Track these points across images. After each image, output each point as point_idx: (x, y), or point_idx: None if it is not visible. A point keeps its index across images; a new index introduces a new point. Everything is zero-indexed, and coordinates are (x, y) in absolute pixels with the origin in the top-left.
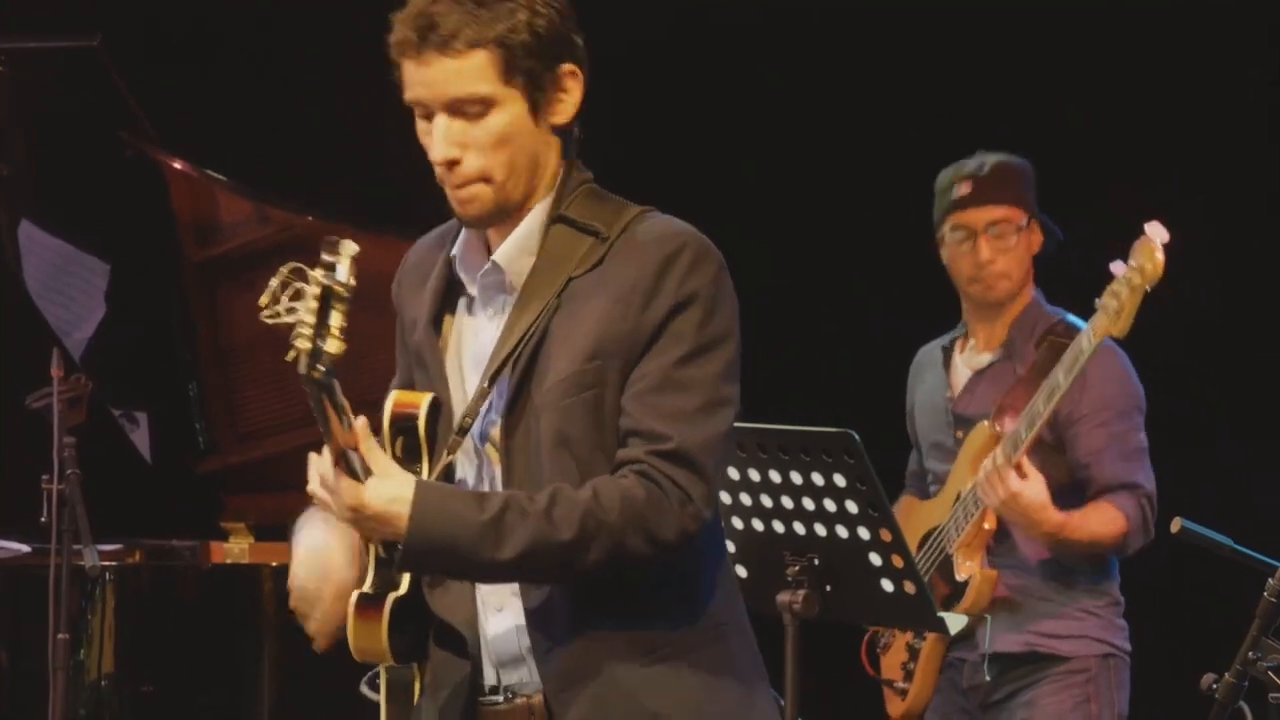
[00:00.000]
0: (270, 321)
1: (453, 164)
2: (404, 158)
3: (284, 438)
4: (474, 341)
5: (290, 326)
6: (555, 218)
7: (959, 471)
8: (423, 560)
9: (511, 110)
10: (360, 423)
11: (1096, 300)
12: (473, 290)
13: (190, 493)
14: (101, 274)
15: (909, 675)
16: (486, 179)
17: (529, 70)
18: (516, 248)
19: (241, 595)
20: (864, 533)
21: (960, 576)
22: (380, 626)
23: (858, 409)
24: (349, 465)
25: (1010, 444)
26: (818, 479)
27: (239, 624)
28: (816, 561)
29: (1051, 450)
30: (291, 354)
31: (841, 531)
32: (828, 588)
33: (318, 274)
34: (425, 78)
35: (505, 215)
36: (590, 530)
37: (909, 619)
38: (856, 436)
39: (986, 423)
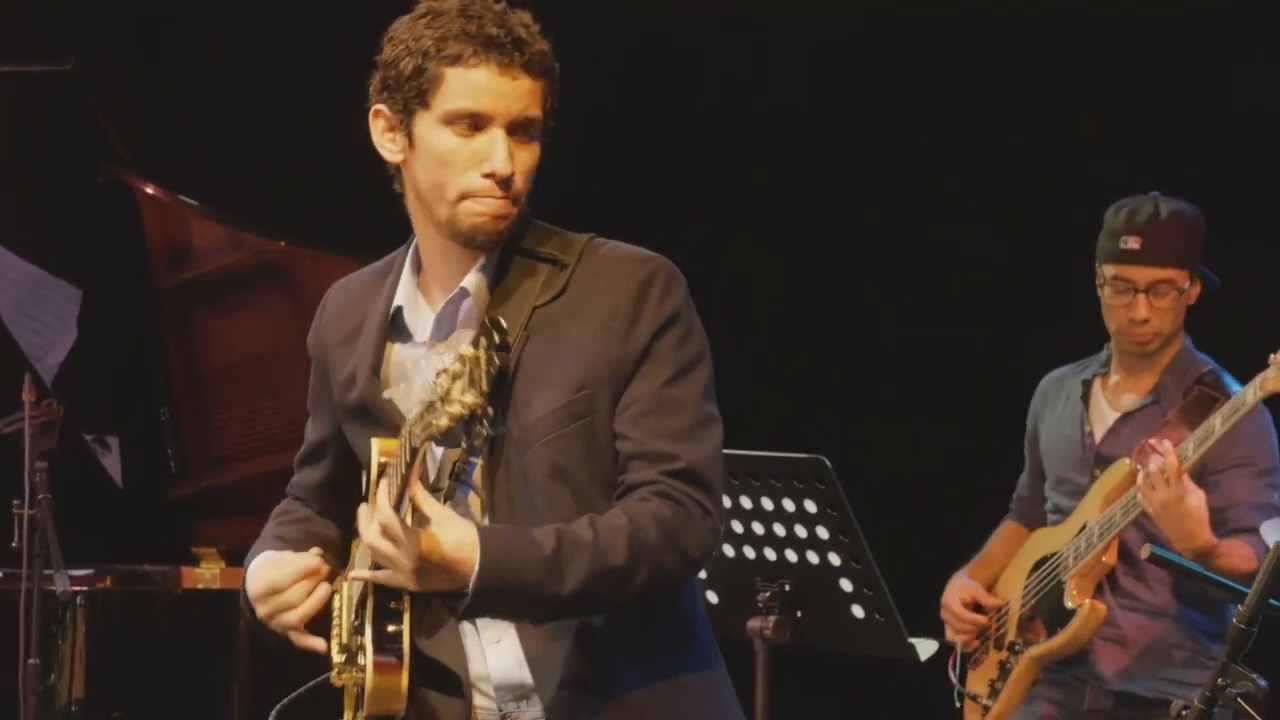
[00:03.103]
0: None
1: (507, 180)
2: (375, 181)
3: (256, 463)
4: (425, 377)
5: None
6: (508, 249)
7: (1089, 504)
8: (491, 603)
9: (539, 143)
10: (416, 474)
11: (1271, 355)
12: (420, 333)
13: (162, 518)
14: (74, 298)
15: (995, 693)
16: (517, 202)
17: (554, 108)
18: (483, 278)
19: (213, 620)
20: (835, 559)
21: (1070, 604)
22: (400, 679)
23: (831, 433)
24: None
25: (1181, 453)
26: (789, 504)
27: (210, 649)
28: (787, 587)
29: None
30: (445, 417)
31: (812, 557)
32: (798, 614)
33: (484, 354)
34: (503, 89)
35: (503, 239)
36: (636, 554)
37: (880, 645)
38: (827, 462)
39: (1127, 460)
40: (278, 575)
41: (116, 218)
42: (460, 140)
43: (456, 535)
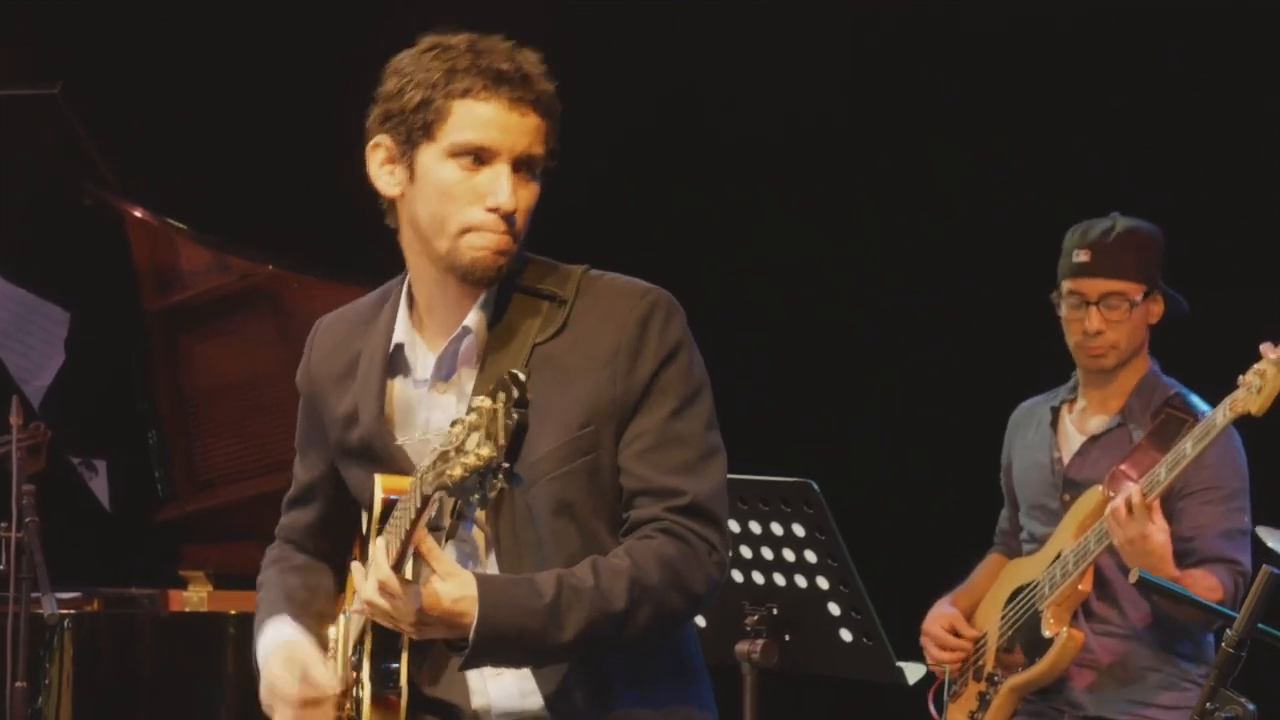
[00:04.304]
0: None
1: (511, 215)
2: (364, 206)
3: (243, 486)
4: (426, 417)
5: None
6: (505, 285)
7: (1063, 533)
8: (490, 653)
9: (539, 181)
10: (423, 524)
11: (1240, 377)
12: (420, 371)
13: (149, 541)
14: (61, 321)
15: None
16: (517, 238)
17: (554, 147)
18: (484, 316)
19: (200, 644)
20: (823, 582)
21: (1047, 633)
22: (399, 717)
23: (819, 457)
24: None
25: (1149, 484)
26: (777, 529)
27: (198, 672)
28: (775, 611)
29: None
30: (459, 468)
31: (800, 581)
32: (787, 637)
33: (502, 408)
34: (510, 124)
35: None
36: (637, 597)
37: (868, 669)
38: (816, 486)
39: (1100, 487)
40: (286, 687)
41: (103, 241)
42: (464, 174)
43: (457, 590)
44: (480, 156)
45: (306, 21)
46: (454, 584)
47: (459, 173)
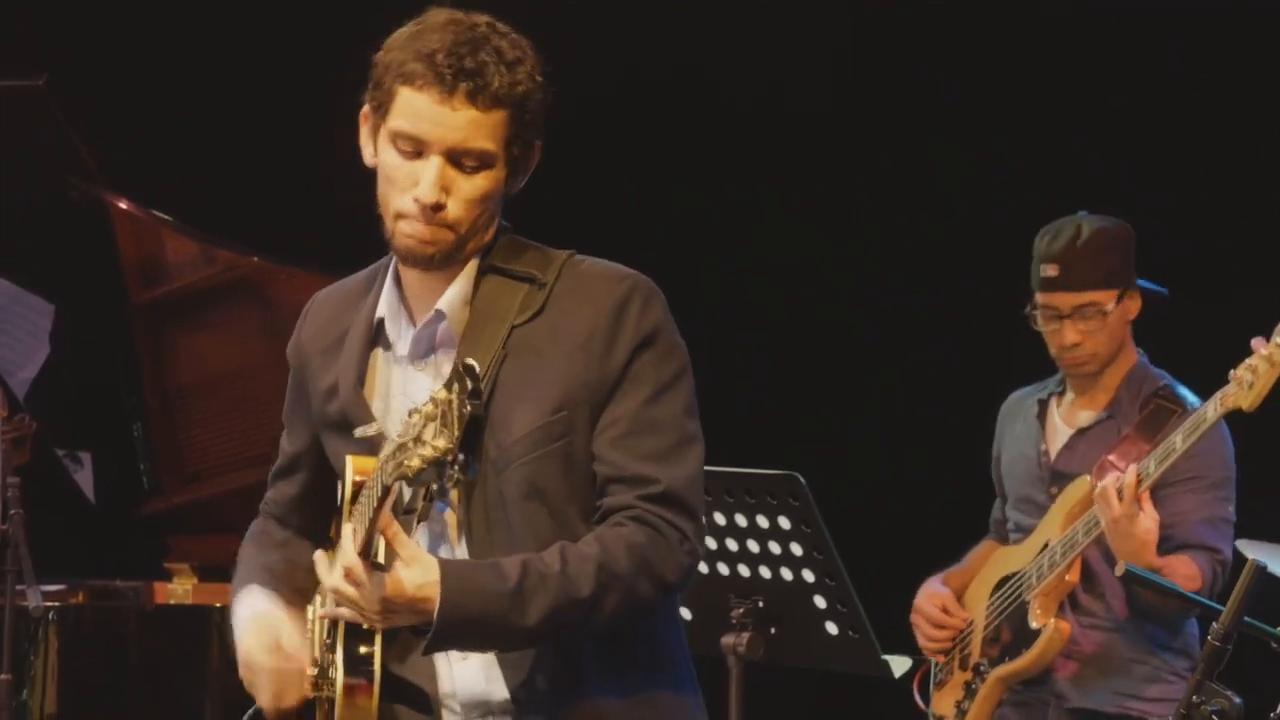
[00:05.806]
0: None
1: (437, 208)
2: (351, 197)
3: (229, 478)
4: (404, 396)
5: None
6: (485, 268)
7: (1051, 523)
8: (454, 637)
9: (499, 173)
10: (387, 511)
11: (1231, 372)
12: (401, 346)
13: (134, 534)
14: (46, 313)
15: (961, 714)
16: (455, 229)
17: (524, 139)
18: (458, 298)
19: (185, 636)
20: (809, 575)
21: (1034, 624)
22: (370, 702)
23: (805, 450)
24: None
25: (1142, 470)
26: (763, 521)
27: (183, 665)
28: (761, 604)
29: None
30: (416, 459)
31: (786, 574)
32: (772, 630)
33: (456, 399)
34: (442, 118)
35: (450, 264)
36: (604, 583)
37: (854, 662)
38: (802, 479)
39: (1087, 477)
40: (262, 657)
41: (89, 233)
42: (402, 160)
43: (420, 575)
44: (416, 146)
45: (295, 14)
46: (417, 570)
47: (397, 158)
